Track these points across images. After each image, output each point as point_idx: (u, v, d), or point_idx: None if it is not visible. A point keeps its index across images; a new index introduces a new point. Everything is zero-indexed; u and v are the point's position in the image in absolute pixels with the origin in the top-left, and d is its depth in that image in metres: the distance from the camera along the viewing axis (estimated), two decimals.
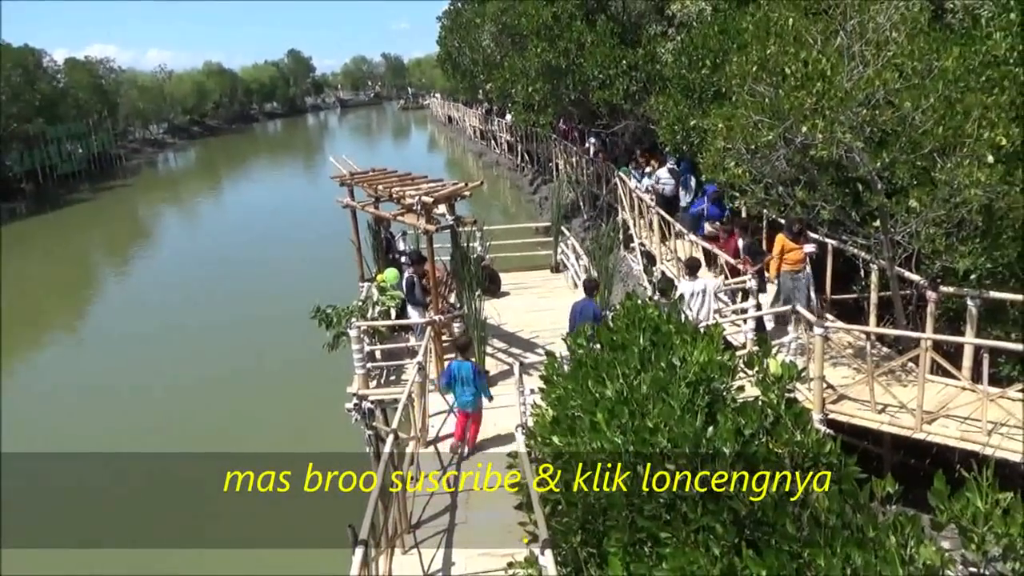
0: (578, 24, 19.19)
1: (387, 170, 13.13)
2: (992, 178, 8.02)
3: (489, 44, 25.00)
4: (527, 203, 32.69)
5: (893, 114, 8.35)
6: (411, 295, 11.79)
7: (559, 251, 16.46)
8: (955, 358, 8.94)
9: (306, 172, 56.35)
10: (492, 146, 47.34)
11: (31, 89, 46.90)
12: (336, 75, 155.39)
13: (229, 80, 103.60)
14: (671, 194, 17.33)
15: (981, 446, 7.62)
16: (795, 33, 8.62)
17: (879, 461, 9.12)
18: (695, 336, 5.45)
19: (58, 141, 51.61)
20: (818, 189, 9.43)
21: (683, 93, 15.08)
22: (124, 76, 71.94)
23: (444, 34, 35.18)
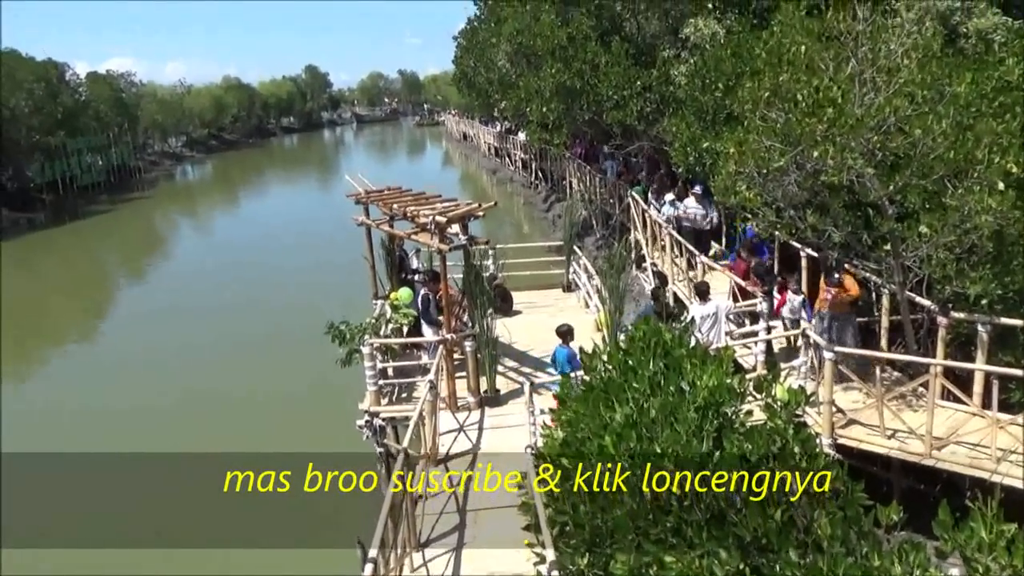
0: (592, 45, 19.37)
1: (402, 189, 13.31)
2: (1003, 204, 8.06)
3: (504, 64, 25.22)
4: (540, 220, 32.84)
5: (904, 140, 8.42)
6: (426, 313, 11.90)
7: (571, 270, 16.54)
8: (966, 383, 8.93)
9: (321, 187, 56.85)
10: (506, 163, 47.62)
11: (53, 102, 47.66)
12: (352, 91, 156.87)
13: (247, 94, 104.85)
14: (701, 225, 16.36)
15: (990, 473, 7.61)
16: (807, 60, 8.72)
17: (889, 486, 9.10)
18: (705, 360, 5.51)
19: (79, 153, 52.36)
20: (829, 213, 9.49)
21: (696, 115, 15.19)
22: (144, 89, 73.09)
23: (460, 53, 35.53)
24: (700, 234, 16.28)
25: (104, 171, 56.71)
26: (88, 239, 40.14)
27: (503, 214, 35.37)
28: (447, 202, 11.74)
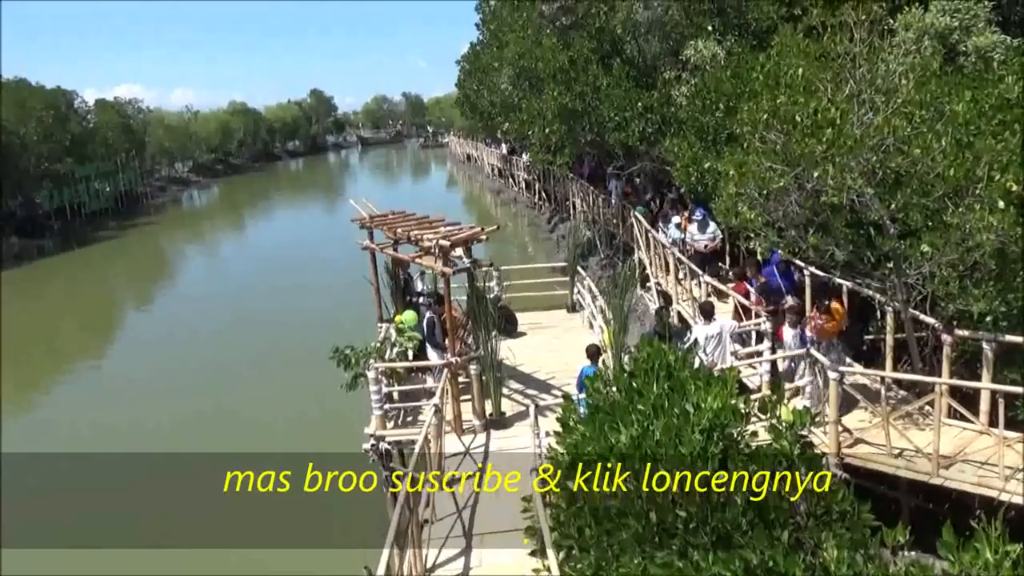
0: (594, 68, 19.56)
1: (406, 213, 13.41)
2: (1004, 222, 8.07)
3: (507, 87, 25.46)
4: (544, 241, 32.94)
5: (903, 159, 8.47)
6: (432, 336, 11.95)
7: (575, 291, 16.59)
8: (972, 401, 8.91)
9: (326, 210, 57.17)
10: (510, 184, 47.84)
11: (62, 129, 48.22)
12: (357, 114, 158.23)
13: (253, 119, 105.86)
14: (706, 249, 16.08)
15: (998, 492, 7.57)
16: (805, 83, 8.81)
17: (896, 506, 9.05)
18: (709, 381, 5.53)
19: (87, 179, 52.86)
20: (831, 232, 9.53)
21: (697, 135, 15.30)
22: (151, 116, 73.83)
23: (463, 77, 35.91)
24: (705, 256, 16.06)
25: (112, 197, 57.20)
26: (96, 265, 40.40)
27: (508, 235, 35.51)
28: (451, 225, 11.83)
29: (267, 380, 19.22)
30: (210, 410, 17.56)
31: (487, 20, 33.02)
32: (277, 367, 19.88)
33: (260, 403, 17.74)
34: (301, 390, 17.45)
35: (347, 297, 20.92)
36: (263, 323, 24.87)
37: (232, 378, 19.88)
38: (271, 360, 20.52)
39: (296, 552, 10.43)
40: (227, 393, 18.76)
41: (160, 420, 16.97)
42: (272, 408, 17.38)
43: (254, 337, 23.30)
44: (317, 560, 10.11)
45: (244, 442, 15.19)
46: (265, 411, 17.24)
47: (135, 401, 18.68)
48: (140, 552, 10.98)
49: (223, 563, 10.36)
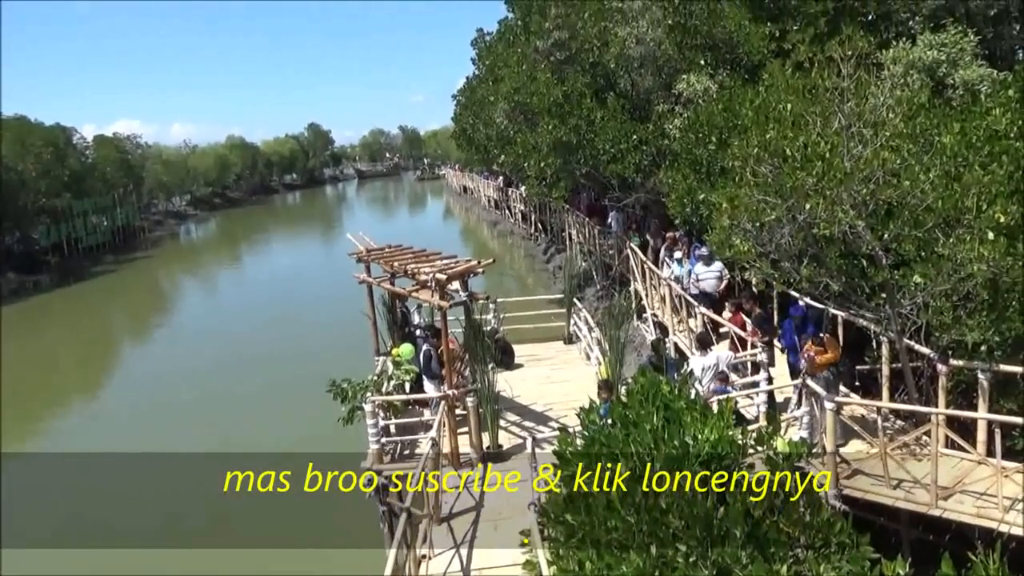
0: (588, 102, 19.84)
1: (402, 246, 13.50)
2: (995, 253, 8.17)
3: (502, 120, 25.78)
4: (541, 271, 33.07)
5: (893, 191, 8.59)
6: (428, 368, 11.95)
7: (572, 322, 16.63)
8: (969, 431, 8.91)
9: (323, 244, 57.38)
10: (506, 215, 48.14)
11: (61, 165, 48.54)
12: (354, 147, 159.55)
13: (250, 153, 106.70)
14: (713, 289, 15.04)
15: (997, 523, 7.54)
16: (794, 117, 8.97)
17: (897, 537, 9.00)
18: (705, 413, 5.55)
19: (84, 214, 53.10)
20: (824, 264, 9.62)
21: (691, 167, 15.49)
22: (149, 151, 74.53)
23: (459, 111, 36.34)
24: (713, 299, 14.98)
25: (109, 232, 57.42)
26: (93, 300, 40.37)
27: (504, 266, 35.64)
28: (447, 259, 11.90)
29: (264, 414, 19.10)
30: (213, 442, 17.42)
31: (483, 55, 33.55)
32: (274, 401, 19.77)
33: (258, 435, 17.61)
34: (298, 425, 17.35)
35: (343, 330, 20.91)
36: (260, 357, 24.79)
37: (230, 410, 19.75)
38: (268, 394, 20.42)
39: (296, 552, 10.39)
40: (227, 425, 18.64)
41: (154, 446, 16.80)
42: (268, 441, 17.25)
43: (251, 371, 23.20)
44: (317, 560, 10.08)
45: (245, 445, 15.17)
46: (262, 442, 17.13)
47: (131, 438, 18.52)
48: (140, 552, 11.01)
49: (223, 563, 10.34)
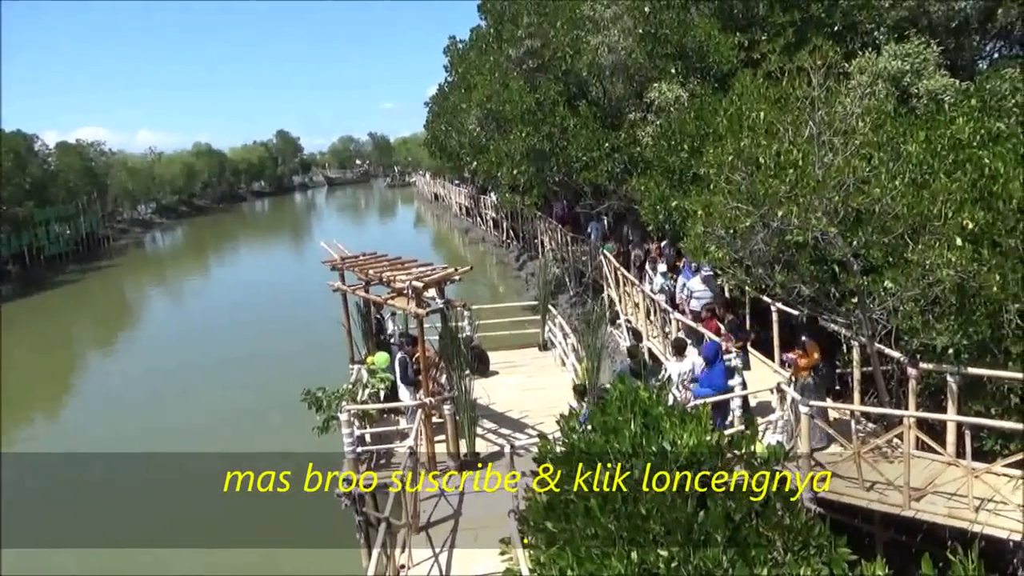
0: (561, 109, 19.95)
1: (376, 254, 13.41)
2: (962, 259, 8.36)
3: (475, 128, 25.79)
4: (513, 279, 33.08)
5: (864, 198, 8.75)
6: (404, 375, 11.87)
7: (547, 329, 16.65)
8: (940, 432, 9.09)
9: (293, 251, 56.83)
10: (478, 223, 48.11)
11: (22, 173, 47.45)
12: (324, 154, 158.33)
13: (218, 161, 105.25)
14: (705, 307, 13.84)
15: (969, 523, 7.69)
16: (766, 126, 9.10)
17: (871, 539, 9.13)
18: (684, 418, 5.58)
19: (46, 223, 51.91)
20: (797, 269, 9.76)
21: (664, 175, 15.63)
22: (114, 158, 73.04)
23: (431, 118, 36.29)
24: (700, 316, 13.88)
25: (72, 240, 56.24)
26: (56, 310, 39.48)
27: (477, 273, 35.57)
28: (423, 266, 11.85)
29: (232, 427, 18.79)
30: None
31: (455, 63, 33.57)
32: (241, 413, 19.42)
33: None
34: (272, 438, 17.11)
35: (317, 339, 20.71)
36: (230, 365, 24.41)
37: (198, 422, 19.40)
38: (236, 405, 20.07)
39: (296, 552, 10.30)
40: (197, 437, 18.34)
41: None
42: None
43: (220, 381, 22.83)
44: (317, 560, 9.99)
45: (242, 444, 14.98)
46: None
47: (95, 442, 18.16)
48: (140, 552, 10.95)
49: (223, 563, 10.23)
